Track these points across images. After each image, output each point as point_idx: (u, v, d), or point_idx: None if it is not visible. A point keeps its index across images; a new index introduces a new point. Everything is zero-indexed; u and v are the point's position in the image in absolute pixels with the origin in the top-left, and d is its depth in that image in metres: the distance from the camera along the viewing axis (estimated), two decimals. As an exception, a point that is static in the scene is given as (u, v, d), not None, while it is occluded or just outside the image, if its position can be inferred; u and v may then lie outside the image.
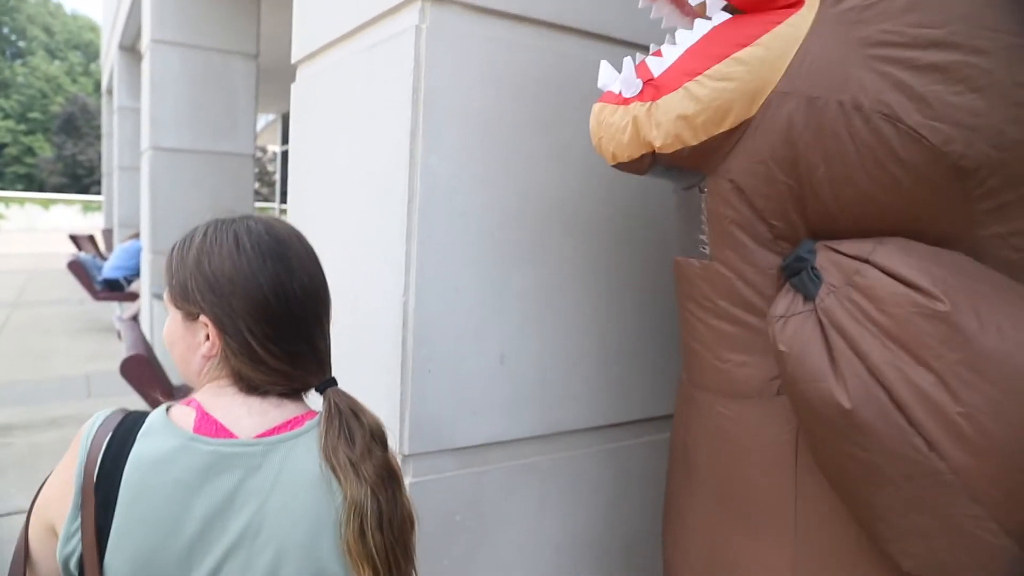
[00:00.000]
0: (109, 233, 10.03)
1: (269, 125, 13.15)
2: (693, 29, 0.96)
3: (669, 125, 0.93)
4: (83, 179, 29.64)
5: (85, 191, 28.43)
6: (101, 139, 12.20)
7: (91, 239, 9.32)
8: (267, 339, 0.74)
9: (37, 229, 23.37)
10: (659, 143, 0.95)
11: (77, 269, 6.33)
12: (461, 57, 1.19)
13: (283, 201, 14.14)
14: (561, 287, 1.35)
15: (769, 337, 0.92)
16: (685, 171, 1.01)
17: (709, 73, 0.90)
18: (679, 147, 0.94)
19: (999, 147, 0.82)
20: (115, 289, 6.37)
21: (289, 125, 1.75)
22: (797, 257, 0.93)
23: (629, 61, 0.99)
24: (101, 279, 6.39)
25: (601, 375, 1.43)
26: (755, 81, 0.88)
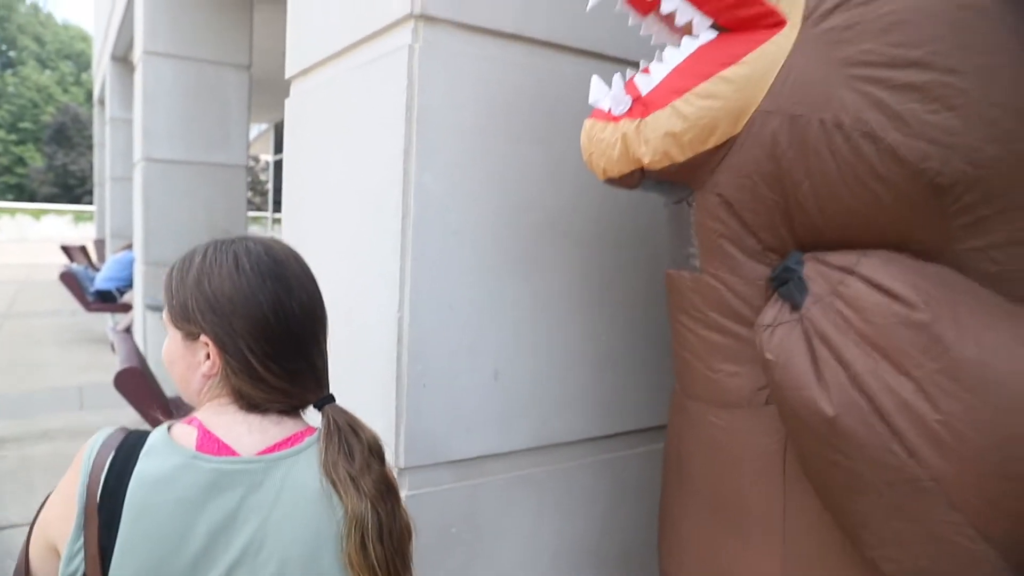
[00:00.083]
0: (101, 244, 9.99)
1: (262, 135, 13.13)
2: (680, 47, 0.98)
3: (657, 142, 0.95)
4: (74, 189, 29.46)
5: (76, 201, 28.25)
6: (93, 149, 12.15)
7: (83, 250, 9.27)
8: (267, 357, 0.75)
9: (28, 239, 23.22)
10: (648, 159, 0.97)
11: (69, 280, 6.31)
12: (454, 75, 1.21)
13: (276, 210, 14.10)
14: (554, 302, 1.36)
15: (757, 346, 0.94)
16: (675, 185, 1.03)
17: (696, 91, 0.92)
18: (667, 163, 0.96)
19: (975, 164, 0.84)
20: (107, 300, 6.34)
21: (282, 135, 1.76)
22: (785, 268, 0.95)
23: (618, 78, 1.01)
24: (93, 290, 6.36)
25: (595, 387, 1.44)
26: (740, 99, 0.90)
